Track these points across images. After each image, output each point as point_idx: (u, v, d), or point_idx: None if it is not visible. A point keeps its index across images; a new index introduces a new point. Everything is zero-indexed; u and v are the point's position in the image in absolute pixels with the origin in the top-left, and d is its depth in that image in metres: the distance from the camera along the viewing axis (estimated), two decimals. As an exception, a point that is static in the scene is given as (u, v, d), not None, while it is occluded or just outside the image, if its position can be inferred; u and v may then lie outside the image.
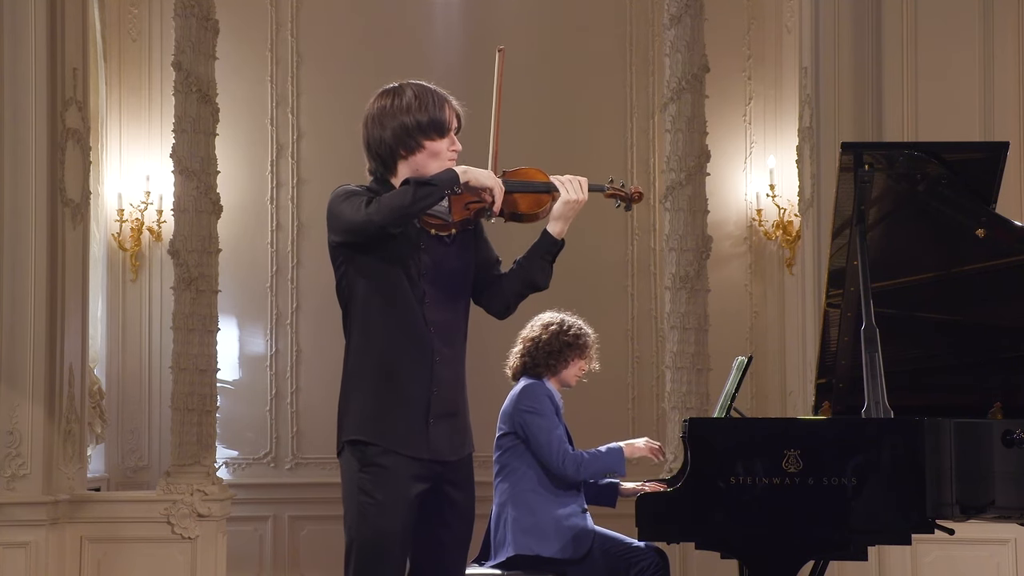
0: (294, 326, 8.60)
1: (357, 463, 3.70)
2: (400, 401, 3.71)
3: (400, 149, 3.76)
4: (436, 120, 3.74)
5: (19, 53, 6.68)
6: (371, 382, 3.72)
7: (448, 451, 3.76)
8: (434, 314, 3.74)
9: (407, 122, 3.73)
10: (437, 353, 3.73)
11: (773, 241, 8.53)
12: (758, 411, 8.42)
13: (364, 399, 3.72)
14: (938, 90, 6.70)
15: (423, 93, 3.77)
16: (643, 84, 8.71)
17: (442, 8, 8.77)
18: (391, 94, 3.78)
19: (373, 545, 3.66)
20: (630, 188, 3.90)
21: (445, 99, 3.79)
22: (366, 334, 3.74)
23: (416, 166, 3.75)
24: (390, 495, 3.66)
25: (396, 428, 3.69)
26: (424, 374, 3.72)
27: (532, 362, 5.60)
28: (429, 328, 3.72)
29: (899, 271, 4.66)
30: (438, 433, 3.73)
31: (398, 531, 3.66)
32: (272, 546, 8.50)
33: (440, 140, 3.76)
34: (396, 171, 3.78)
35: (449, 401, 3.76)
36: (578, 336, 5.61)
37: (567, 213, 3.77)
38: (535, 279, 3.83)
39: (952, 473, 4.23)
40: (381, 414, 3.70)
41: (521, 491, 5.45)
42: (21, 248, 6.65)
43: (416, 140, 3.74)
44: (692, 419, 4.53)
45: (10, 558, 6.51)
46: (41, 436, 6.62)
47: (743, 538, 4.26)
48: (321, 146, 8.61)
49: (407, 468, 3.69)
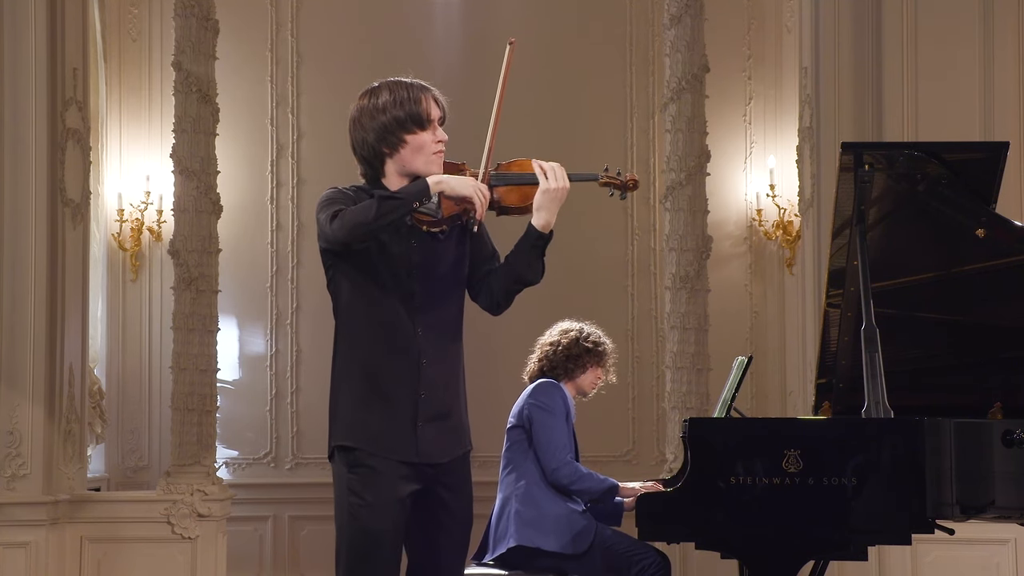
0: (294, 326, 8.61)
1: (346, 466, 3.69)
2: (386, 406, 3.68)
3: (383, 147, 3.74)
4: (413, 113, 3.70)
5: (19, 53, 6.68)
6: (357, 387, 3.70)
7: (439, 453, 3.72)
8: (424, 314, 3.71)
9: (384, 120, 3.71)
10: (424, 355, 3.69)
11: (773, 241, 8.53)
12: (758, 411, 8.42)
13: (351, 404, 3.71)
14: (938, 90, 6.70)
15: (397, 88, 3.74)
16: (643, 84, 8.71)
17: (442, 8, 8.77)
18: (368, 94, 3.77)
19: (362, 545, 3.64)
20: (625, 175, 3.83)
21: (423, 91, 3.76)
22: (351, 337, 3.73)
23: (402, 162, 3.73)
24: (379, 496, 3.64)
25: (383, 432, 3.67)
26: (410, 377, 3.69)
27: (550, 365, 5.64)
28: (417, 330, 3.69)
29: (899, 271, 4.66)
30: (428, 436, 3.69)
31: (388, 530, 3.64)
32: (272, 546, 8.50)
33: (422, 132, 3.72)
34: (384, 171, 3.77)
35: (439, 402, 3.72)
36: (597, 344, 5.67)
37: (548, 203, 3.69)
38: (523, 274, 3.76)
39: (952, 473, 4.22)
40: (368, 419, 3.68)
41: (527, 485, 5.47)
42: (21, 248, 6.65)
43: (397, 136, 3.72)
44: (692, 419, 4.52)
45: (10, 558, 6.51)
46: (41, 436, 6.62)
47: (743, 538, 4.26)
48: (321, 146, 8.61)
49: (396, 470, 3.67)
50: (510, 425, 5.57)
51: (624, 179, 3.82)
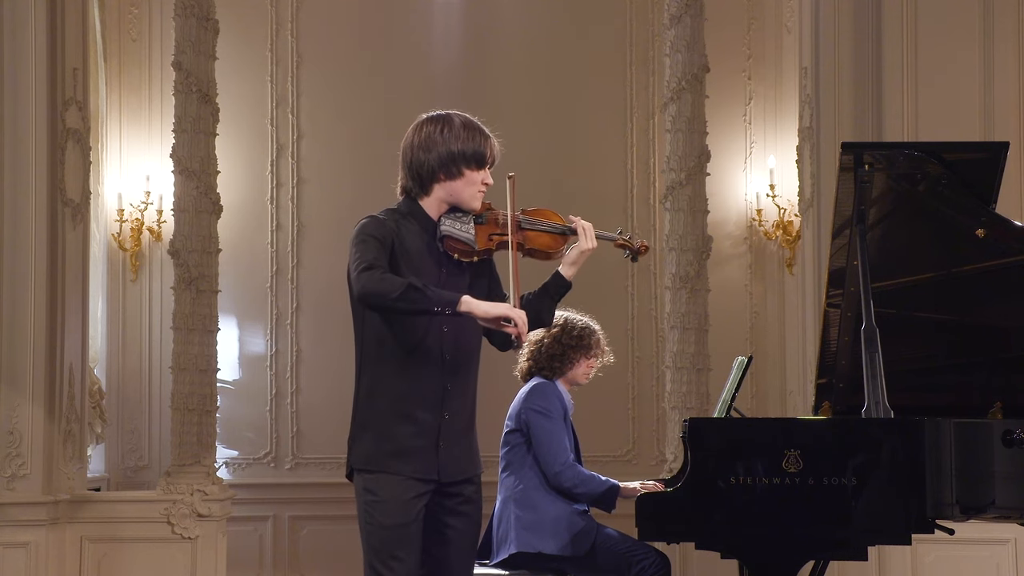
0: (294, 326, 8.60)
1: (364, 479, 3.83)
2: (412, 427, 3.83)
3: (441, 173, 3.90)
4: (479, 152, 3.91)
5: (19, 53, 6.68)
6: (383, 407, 3.84)
7: (457, 472, 3.88)
8: (451, 341, 3.86)
9: (454, 149, 3.89)
10: (449, 380, 3.85)
11: (773, 241, 8.53)
12: (758, 411, 8.42)
13: (376, 433, 3.84)
14: (938, 90, 6.70)
15: (470, 125, 3.94)
16: (643, 84, 8.70)
17: (442, 8, 8.76)
18: (440, 121, 3.93)
19: (381, 540, 3.76)
20: (637, 242, 4.08)
21: (488, 135, 3.96)
22: (378, 360, 3.85)
23: (451, 190, 3.90)
24: (393, 492, 3.78)
25: (406, 452, 3.82)
26: (436, 400, 3.85)
27: (537, 366, 5.61)
28: (444, 356, 3.85)
29: (899, 271, 4.66)
30: (447, 456, 3.86)
31: (407, 523, 3.77)
32: (272, 546, 8.50)
33: (478, 171, 3.91)
34: (431, 192, 3.92)
35: (460, 424, 3.90)
36: (581, 337, 5.59)
37: (580, 261, 3.98)
38: (542, 317, 4.00)
39: (952, 473, 4.23)
40: (392, 440, 3.83)
41: (525, 488, 5.46)
42: (21, 248, 6.65)
43: (459, 167, 3.90)
44: (692, 419, 4.53)
45: (10, 558, 6.51)
46: (41, 436, 6.62)
47: (743, 538, 4.26)
48: (321, 146, 8.61)
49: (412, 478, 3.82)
50: (508, 429, 5.55)
51: (637, 246, 4.07)
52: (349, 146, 8.41)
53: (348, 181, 8.42)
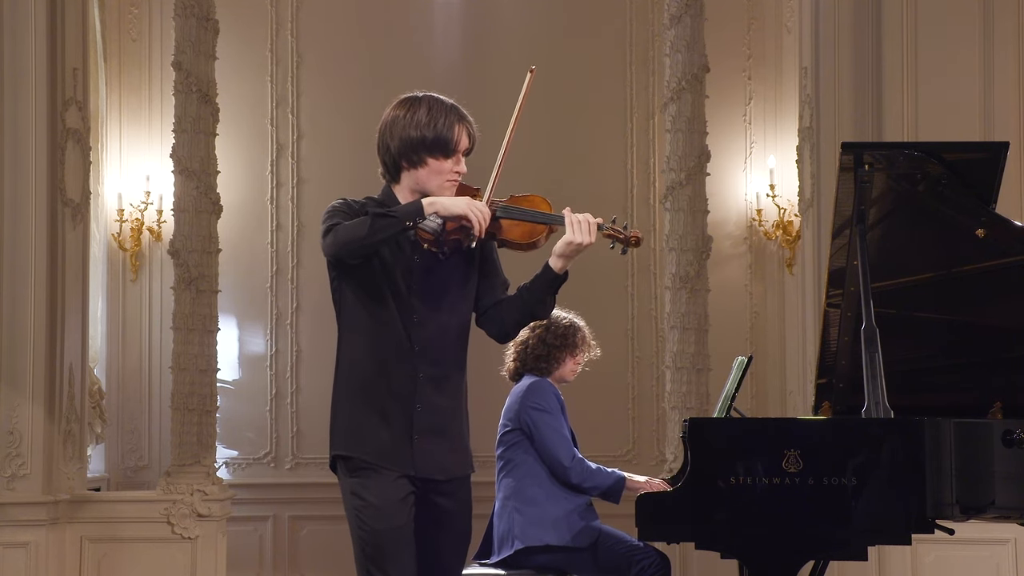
0: (294, 326, 8.61)
1: (347, 472, 3.73)
2: (382, 418, 3.71)
3: (402, 161, 3.75)
4: (442, 139, 3.72)
5: (19, 53, 6.68)
6: (355, 398, 3.74)
7: (437, 470, 3.75)
8: (422, 331, 3.72)
9: (414, 136, 3.71)
10: (420, 369, 3.71)
11: (773, 241, 8.53)
12: (758, 411, 8.43)
13: (349, 414, 3.74)
14: (938, 90, 6.70)
15: (437, 109, 3.74)
16: (643, 84, 8.71)
17: (442, 8, 8.77)
18: (406, 104, 3.76)
19: (374, 546, 3.67)
20: (629, 232, 3.76)
21: (460, 120, 3.76)
22: (352, 349, 3.76)
23: (417, 179, 3.74)
24: (381, 495, 3.67)
25: (379, 443, 3.70)
26: (407, 391, 3.71)
27: (524, 367, 5.60)
28: (414, 346, 3.71)
29: (899, 271, 4.66)
30: (424, 449, 3.72)
31: (398, 527, 3.68)
32: (272, 546, 8.50)
33: (444, 160, 3.73)
34: (399, 180, 3.79)
35: (435, 417, 3.74)
36: (565, 336, 5.57)
37: (571, 253, 3.70)
38: (535, 310, 3.80)
39: (952, 473, 4.23)
40: (364, 430, 3.72)
41: (526, 486, 5.46)
42: (21, 248, 6.65)
43: (419, 156, 3.73)
44: (692, 419, 4.53)
45: (10, 558, 6.51)
46: (41, 436, 6.62)
47: (743, 538, 4.26)
48: (321, 146, 8.61)
49: (395, 474, 3.70)
50: (506, 428, 5.54)
51: (628, 235, 3.74)
52: (349, 146, 8.40)
53: (348, 181, 8.37)
